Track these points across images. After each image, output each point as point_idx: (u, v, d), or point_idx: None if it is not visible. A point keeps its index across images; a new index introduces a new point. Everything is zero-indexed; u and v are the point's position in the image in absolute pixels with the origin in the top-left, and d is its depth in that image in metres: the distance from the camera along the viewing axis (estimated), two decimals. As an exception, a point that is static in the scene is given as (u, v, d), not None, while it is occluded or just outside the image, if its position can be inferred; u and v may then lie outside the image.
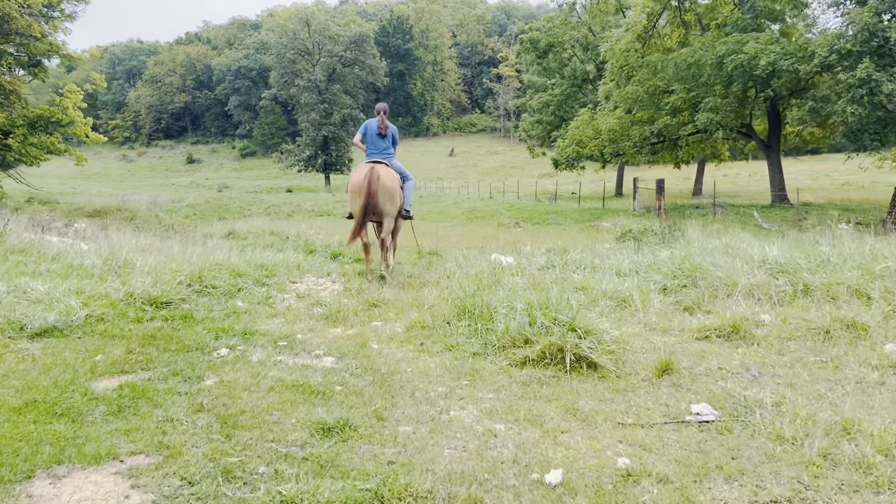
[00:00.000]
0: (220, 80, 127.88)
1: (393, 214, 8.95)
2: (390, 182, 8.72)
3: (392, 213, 8.90)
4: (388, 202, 8.71)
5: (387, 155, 9.07)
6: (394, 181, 8.83)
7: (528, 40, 43.72)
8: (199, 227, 23.02)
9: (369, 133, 9.00)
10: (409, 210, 9.47)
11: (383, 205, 8.66)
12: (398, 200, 8.99)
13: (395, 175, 8.95)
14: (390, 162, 9.09)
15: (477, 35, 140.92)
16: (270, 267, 9.24)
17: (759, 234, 15.25)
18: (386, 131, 8.97)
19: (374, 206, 8.55)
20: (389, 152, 9.13)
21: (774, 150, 24.98)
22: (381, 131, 8.94)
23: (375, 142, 8.98)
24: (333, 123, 64.73)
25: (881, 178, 48.89)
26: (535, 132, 46.10)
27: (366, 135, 9.04)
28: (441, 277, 8.41)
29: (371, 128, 9.00)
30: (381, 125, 8.94)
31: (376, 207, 8.60)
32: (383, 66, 73.74)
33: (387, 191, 8.64)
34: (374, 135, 8.97)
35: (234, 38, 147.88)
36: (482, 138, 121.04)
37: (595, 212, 25.42)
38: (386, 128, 8.96)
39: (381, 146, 9.01)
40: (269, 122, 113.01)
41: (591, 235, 17.21)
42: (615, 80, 27.12)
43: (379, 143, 8.99)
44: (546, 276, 7.71)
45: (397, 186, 8.94)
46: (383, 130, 8.94)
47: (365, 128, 9.07)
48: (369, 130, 9.00)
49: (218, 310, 6.89)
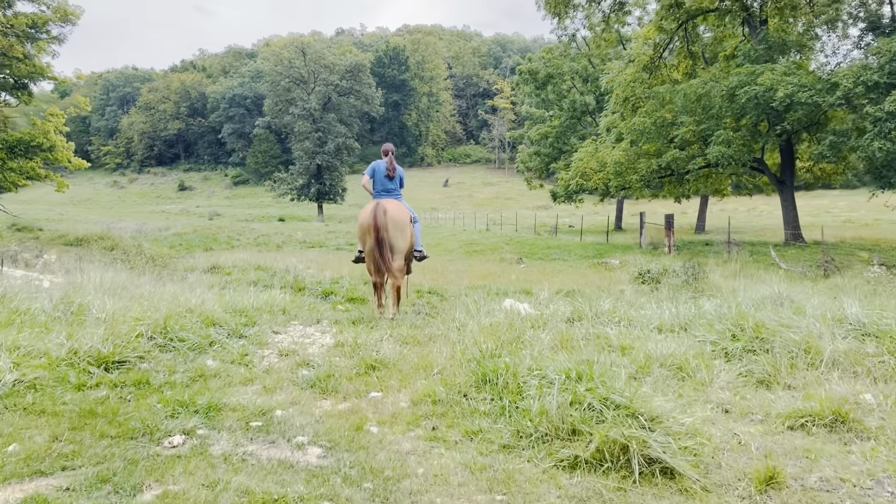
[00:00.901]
0: (214, 107, 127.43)
1: (404, 251, 8.51)
2: (399, 215, 8.35)
3: (403, 248, 8.47)
4: (399, 236, 8.33)
5: (395, 196, 8.83)
6: (402, 213, 8.45)
7: (526, 71, 43.07)
8: (183, 258, 21.80)
9: (377, 174, 8.82)
10: (421, 250, 9.14)
11: (394, 239, 8.29)
12: (409, 236, 8.59)
13: (403, 207, 8.59)
14: (400, 201, 8.83)
15: (472, 67, 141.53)
16: (251, 313, 8.03)
17: (785, 277, 14.18)
18: (394, 173, 8.78)
19: (384, 241, 8.18)
20: (397, 193, 8.88)
21: (788, 186, 24.03)
22: (390, 173, 8.76)
23: (384, 183, 8.79)
24: (327, 152, 63.82)
25: (882, 216, 48.31)
26: (533, 164, 45.23)
27: (374, 176, 8.86)
28: (450, 329, 7.21)
29: (379, 169, 8.81)
30: (389, 166, 8.75)
31: (387, 242, 8.21)
32: (379, 95, 73.21)
33: (396, 224, 8.29)
34: (383, 176, 8.78)
35: (229, 66, 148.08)
36: (476, 169, 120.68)
37: (599, 247, 24.35)
38: (394, 169, 8.77)
39: (389, 187, 8.80)
40: (262, 150, 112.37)
41: (603, 275, 16.07)
42: (619, 112, 26.26)
43: (387, 184, 8.79)
44: (575, 331, 6.53)
45: (407, 220, 8.55)
46: (391, 172, 8.75)
47: (373, 169, 8.88)
48: (377, 171, 8.82)
49: (182, 371, 5.67)
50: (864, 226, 37.87)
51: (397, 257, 8.42)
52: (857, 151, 18.84)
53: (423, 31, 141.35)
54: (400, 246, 8.41)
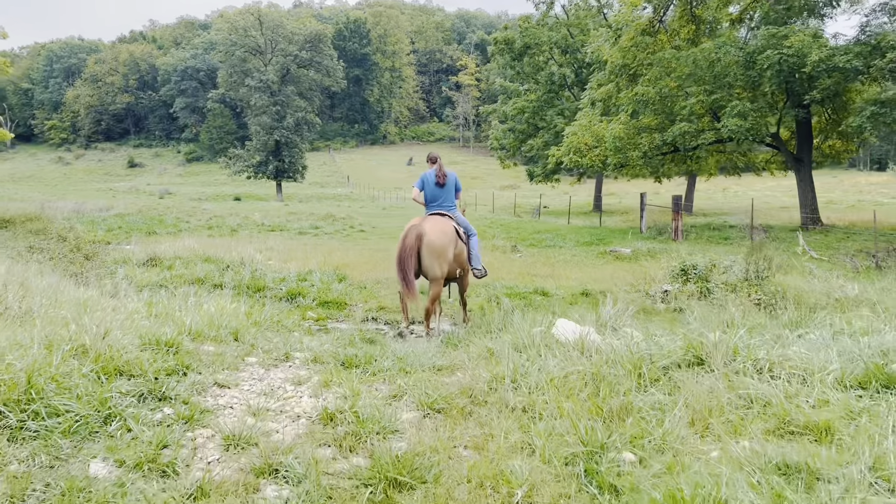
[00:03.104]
0: (165, 80, 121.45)
1: (440, 277, 7.51)
2: (438, 240, 7.39)
3: (440, 276, 7.48)
4: (436, 263, 7.40)
5: (448, 207, 8.05)
6: (444, 235, 7.47)
7: (502, 40, 40.19)
8: (119, 245, 18.71)
9: (427, 185, 8.07)
10: (479, 268, 8.09)
11: (430, 267, 7.42)
12: (450, 259, 7.55)
13: (447, 228, 7.58)
14: (453, 215, 8.01)
15: (436, 42, 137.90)
16: (185, 346, 5.33)
17: (835, 269, 11.98)
18: (444, 180, 8.02)
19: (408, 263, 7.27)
20: (450, 203, 8.10)
21: (805, 165, 21.87)
22: (440, 180, 8.00)
23: (435, 193, 8.04)
24: (286, 127, 60.05)
25: (863, 197, 47.17)
26: (507, 141, 42.58)
27: (423, 188, 8.11)
28: (497, 379, 4.60)
29: (429, 180, 8.07)
30: (438, 174, 8.02)
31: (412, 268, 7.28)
32: (341, 68, 69.53)
33: (433, 250, 7.36)
34: (433, 185, 8.02)
35: (181, 37, 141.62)
36: (441, 147, 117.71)
37: (594, 232, 21.98)
38: (444, 176, 8.03)
39: (441, 197, 8.04)
40: (216, 126, 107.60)
41: (622, 268, 13.63)
42: (615, 81, 23.76)
43: (438, 194, 8.04)
44: (712, 390, 4.02)
45: (449, 242, 7.51)
46: (441, 179, 8.00)
47: (422, 181, 8.16)
48: (427, 182, 8.08)
49: (39, 491, 3.01)
50: (850, 207, 36.24)
51: (434, 285, 7.52)
52: None
53: (385, 5, 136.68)
54: (436, 273, 7.44)
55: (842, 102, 20.90)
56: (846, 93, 20.20)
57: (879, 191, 49.75)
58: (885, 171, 67.86)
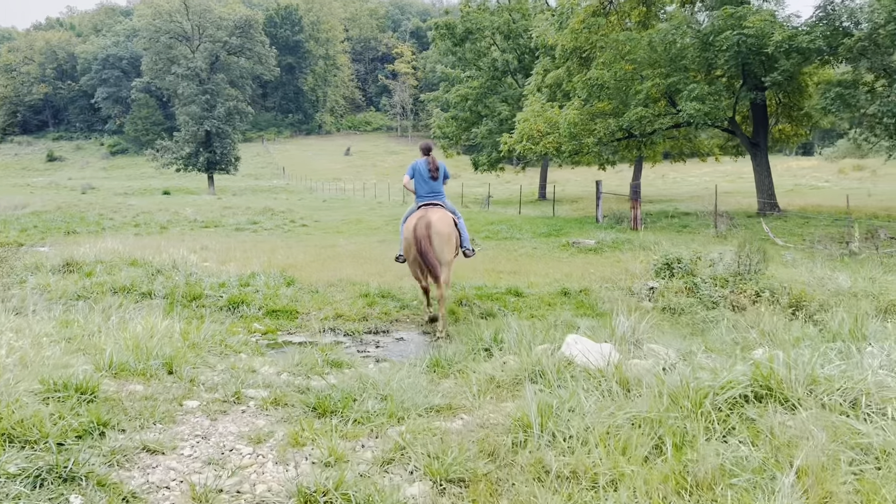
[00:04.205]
0: (85, 69, 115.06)
1: (450, 261, 8.17)
2: (445, 227, 8.03)
3: (450, 259, 8.14)
4: (445, 249, 7.96)
5: (439, 195, 8.50)
6: (447, 224, 8.12)
7: (443, 25, 38.97)
8: (33, 247, 16.81)
9: (418, 174, 8.47)
10: (468, 247, 8.72)
11: (440, 252, 7.90)
12: (455, 243, 8.27)
13: (448, 217, 8.25)
14: (444, 203, 8.51)
15: (370, 30, 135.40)
16: (103, 393, 4.09)
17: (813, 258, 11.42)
18: (437, 173, 8.47)
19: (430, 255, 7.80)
20: (440, 192, 8.55)
21: (762, 149, 21.54)
22: (433, 174, 8.44)
23: (428, 184, 8.44)
24: (217, 117, 57.34)
25: (799, 181, 48.04)
26: (451, 129, 41.49)
27: (414, 176, 8.50)
28: (520, 432, 3.54)
29: (420, 168, 8.47)
30: (431, 165, 8.45)
31: (433, 255, 7.82)
32: (273, 55, 66.99)
33: (441, 236, 7.92)
34: (427, 176, 8.44)
35: (101, 24, 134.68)
36: (379, 137, 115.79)
37: (549, 222, 21.14)
38: (437, 169, 8.47)
39: (434, 187, 8.46)
40: (142, 116, 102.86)
41: (593, 261, 12.77)
42: (566, 66, 22.92)
43: (431, 185, 8.45)
44: (819, 443, 3.07)
45: (452, 229, 8.24)
46: (434, 173, 8.44)
47: (413, 169, 8.54)
48: (418, 171, 8.47)
49: None
50: (790, 192, 36.72)
51: (444, 269, 7.94)
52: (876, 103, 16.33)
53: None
54: (446, 258, 7.97)
55: (797, 85, 20.66)
56: (800, 76, 19.95)
57: (812, 174, 50.90)
58: (813, 156, 69.83)
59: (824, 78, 18.33)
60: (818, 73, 20.32)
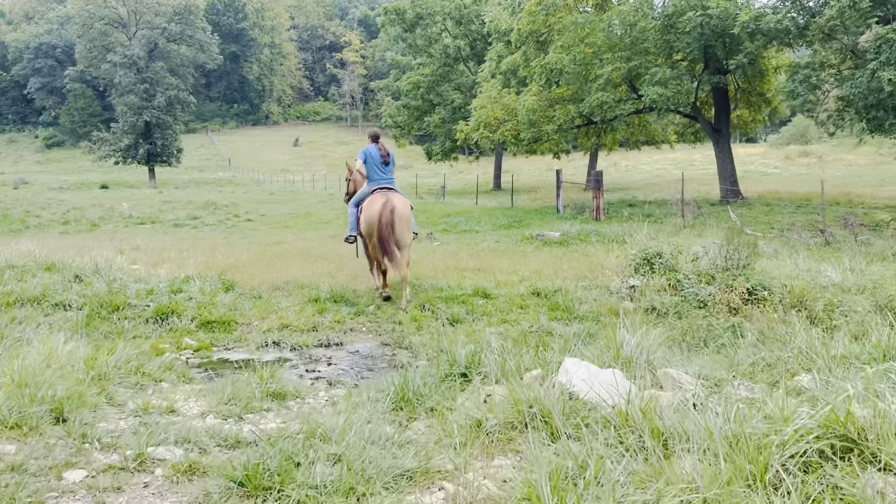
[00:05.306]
0: (16, 59, 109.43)
1: (410, 244, 8.51)
2: (405, 211, 8.29)
3: (410, 241, 8.45)
4: (405, 232, 8.31)
5: (392, 181, 8.77)
6: (407, 208, 8.41)
7: (392, 10, 37.69)
8: (-59, 249, 15.09)
9: (370, 160, 8.65)
10: (416, 231, 9.03)
11: (402, 236, 8.23)
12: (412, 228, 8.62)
13: (408, 202, 8.59)
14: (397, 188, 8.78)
15: (317, 17, 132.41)
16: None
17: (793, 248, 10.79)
18: (389, 158, 8.73)
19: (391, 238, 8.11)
20: (392, 178, 8.83)
21: (724, 136, 21.07)
22: (385, 159, 8.68)
23: (382, 169, 8.67)
24: (157, 107, 54.77)
25: (749, 167, 48.33)
26: (402, 118, 40.27)
27: (366, 161, 8.67)
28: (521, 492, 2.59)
29: (372, 154, 8.67)
30: (383, 152, 8.69)
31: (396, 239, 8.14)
32: (216, 43, 64.47)
33: (403, 220, 8.24)
34: (379, 162, 8.65)
35: (33, 11, 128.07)
36: (328, 127, 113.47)
37: (508, 213, 20.26)
38: (388, 153, 8.74)
39: (387, 173, 8.72)
40: (78, 107, 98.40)
41: (560, 256, 11.91)
42: (522, 50, 22.03)
43: (384, 169, 8.69)
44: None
45: (411, 213, 8.54)
46: (386, 158, 8.69)
47: (364, 154, 8.72)
48: (371, 157, 8.65)
49: None
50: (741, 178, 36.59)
51: (405, 252, 8.27)
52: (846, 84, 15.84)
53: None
54: (407, 241, 8.31)
55: (757, 69, 20.22)
56: (760, 60, 19.51)
57: (761, 161, 51.34)
58: (758, 143, 70.77)
59: (783, 62, 17.86)
60: (777, 57, 19.88)
